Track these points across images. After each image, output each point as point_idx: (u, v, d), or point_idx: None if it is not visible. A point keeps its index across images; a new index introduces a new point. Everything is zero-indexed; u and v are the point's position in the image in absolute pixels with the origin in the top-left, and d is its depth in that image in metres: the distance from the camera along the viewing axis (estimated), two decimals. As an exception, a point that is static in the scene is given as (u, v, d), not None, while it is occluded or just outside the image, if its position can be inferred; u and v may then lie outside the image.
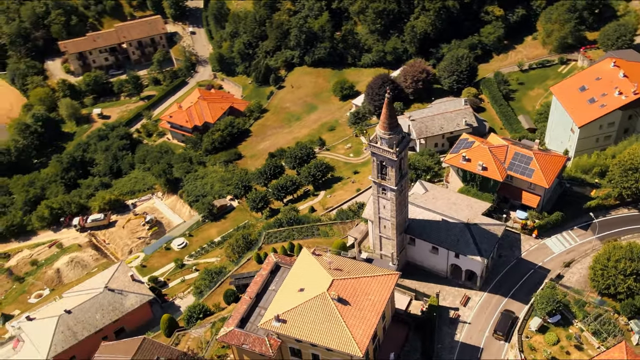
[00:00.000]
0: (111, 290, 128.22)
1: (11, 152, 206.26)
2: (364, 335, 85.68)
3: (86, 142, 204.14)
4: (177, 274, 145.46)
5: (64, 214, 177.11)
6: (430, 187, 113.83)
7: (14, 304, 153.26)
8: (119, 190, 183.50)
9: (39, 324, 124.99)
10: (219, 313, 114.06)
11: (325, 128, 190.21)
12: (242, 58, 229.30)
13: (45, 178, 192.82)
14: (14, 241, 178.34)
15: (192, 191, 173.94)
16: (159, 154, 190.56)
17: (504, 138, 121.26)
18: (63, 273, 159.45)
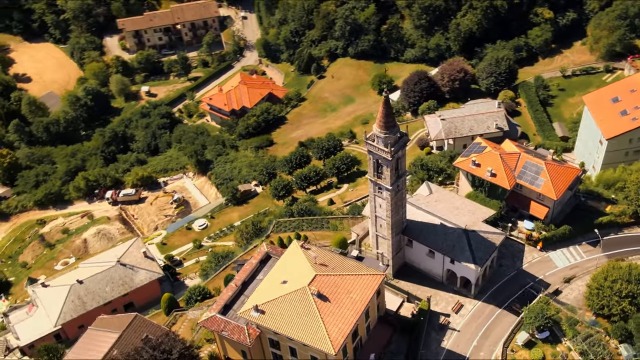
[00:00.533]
0: (123, 264, 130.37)
1: (60, 122, 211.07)
2: (339, 334, 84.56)
3: (129, 118, 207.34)
4: (193, 254, 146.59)
5: (99, 186, 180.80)
6: (436, 189, 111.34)
7: (42, 270, 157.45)
8: (152, 168, 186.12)
9: (52, 291, 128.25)
10: (217, 297, 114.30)
11: (359, 121, 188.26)
12: (287, 45, 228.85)
13: (87, 150, 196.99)
14: (52, 209, 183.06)
15: (220, 174, 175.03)
16: (194, 134, 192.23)
17: (517, 145, 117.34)
18: (89, 243, 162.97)
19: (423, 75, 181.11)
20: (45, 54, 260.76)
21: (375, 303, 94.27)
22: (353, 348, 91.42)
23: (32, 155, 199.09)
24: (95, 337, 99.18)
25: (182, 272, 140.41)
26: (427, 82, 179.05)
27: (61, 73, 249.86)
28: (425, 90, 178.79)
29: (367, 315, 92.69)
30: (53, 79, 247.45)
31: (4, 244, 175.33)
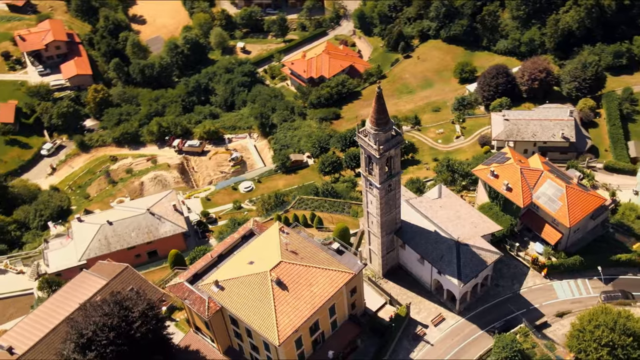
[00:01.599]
0: (152, 214, 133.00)
1: (155, 67, 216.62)
2: (289, 325, 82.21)
3: (213, 72, 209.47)
4: (230, 214, 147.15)
5: (169, 133, 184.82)
6: (447, 193, 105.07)
7: (99, 204, 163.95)
8: (221, 124, 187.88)
9: (85, 226, 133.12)
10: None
11: (431, 107, 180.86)
12: (380, 20, 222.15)
13: (169, 97, 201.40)
14: (126, 148, 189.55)
15: (280, 139, 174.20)
16: (268, 96, 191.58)
17: (545, 162, 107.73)
18: (145, 186, 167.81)
19: (502, 69, 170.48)
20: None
21: (346, 300, 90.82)
22: (312, 342, 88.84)
23: (123, 94, 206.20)
24: (85, 280, 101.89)
25: (213, 231, 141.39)
26: (504, 78, 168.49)
27: (173, 19, 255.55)
28: (501, 86, 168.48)
29: (333, 311, 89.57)
30: (164, 24, 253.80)
31: (78, 174, 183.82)
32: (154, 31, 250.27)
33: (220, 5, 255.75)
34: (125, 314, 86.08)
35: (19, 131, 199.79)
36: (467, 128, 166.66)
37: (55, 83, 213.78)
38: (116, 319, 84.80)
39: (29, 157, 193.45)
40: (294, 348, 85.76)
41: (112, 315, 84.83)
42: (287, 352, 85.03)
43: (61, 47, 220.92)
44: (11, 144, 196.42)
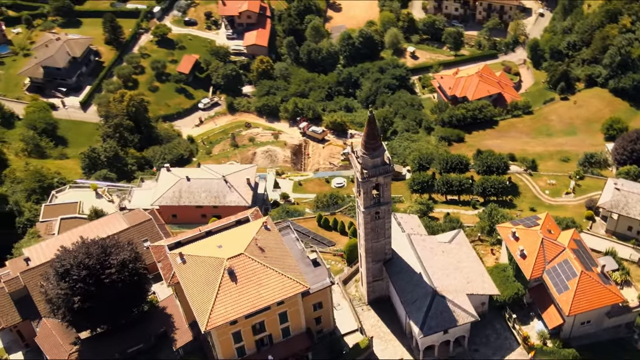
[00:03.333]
0: (225, 181, 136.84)
1: (322, 51, 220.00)
2: (221, 315, 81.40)
3: (367, 68, 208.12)
4: (309, 204, 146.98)
5: (301, 114, 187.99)
6: (461, 241, 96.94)
7: (213, 162, 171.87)
8: (352, 118, 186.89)
9: (169, 176, 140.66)
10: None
11: (560, 156, 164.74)
12: (551, 54, 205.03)
13: (319, 82, 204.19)
14: (263, 118, 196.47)
15: (393, 147, 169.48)
16: (405, 103, 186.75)
17: (577, 240, 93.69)
18: (257, 157, 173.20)
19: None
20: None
21: (302, 311, 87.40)
22: (256, 341, 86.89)
23: (284, 70, 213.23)
24: (113, 220, 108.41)
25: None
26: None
27: (364, 13, 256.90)
28: (636, 153, 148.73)
29: (284, 318, 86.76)
30: (354, 15, 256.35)
31: (215, 131, 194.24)
32: (344, 20, 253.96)
33: (413, 8, 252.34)
34: (104, 258, 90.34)
35: (191, 82, 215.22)
36: (581, 186, 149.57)
37: (235, 48, 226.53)
38: (94, 260, 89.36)
39: (187, 107, 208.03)
40: (230, 340, 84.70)
41: (91, 256, 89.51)
42: (222, 342, 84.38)
43: (251, 17, 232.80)
44: (179, 91, 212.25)
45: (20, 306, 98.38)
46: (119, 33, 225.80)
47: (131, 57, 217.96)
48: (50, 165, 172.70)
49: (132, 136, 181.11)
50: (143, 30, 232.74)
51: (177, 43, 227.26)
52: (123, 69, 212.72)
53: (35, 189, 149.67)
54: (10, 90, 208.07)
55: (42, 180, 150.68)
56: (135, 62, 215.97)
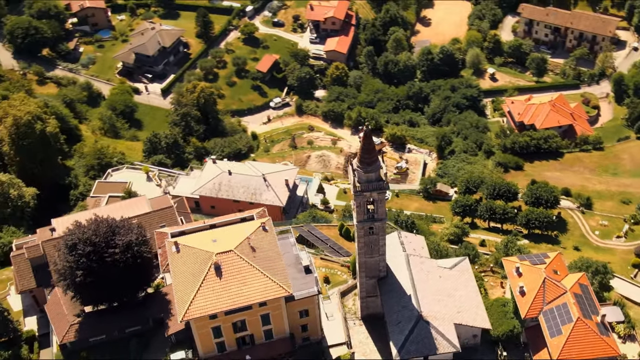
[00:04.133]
0: (264, 179, 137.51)
1: (398, 64, 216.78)
2: (200, 308, 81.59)
3: (439, 85, 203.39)
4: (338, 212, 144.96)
5: (363, 123, 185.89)
6: (463, 269, 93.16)
7: (268, 160, 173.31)
8: (413, 133, 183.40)
9: (213, 168, 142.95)
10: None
11: (622, 197, 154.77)
12: (635, 91, 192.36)
13: (389, 94, 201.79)
14: (329, 123, 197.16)
15: (447, 166, 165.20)
16: (469, 124, 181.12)
17: (583, 286, 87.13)
18: (310, 160, 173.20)
19: None
20: (457, 9, 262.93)
21: (285, 315, 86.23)
22: (236, 339, 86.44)
23: (358, 79, 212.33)
24: (139, 203, 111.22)
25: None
26: None
27: (453, 30, 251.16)
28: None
29: (267, 321, 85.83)
30: (442, 31, 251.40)
31: (280, 130, 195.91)
32: (430, 35, 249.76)
33: (502, 30, 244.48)
34: (111, 238, 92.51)
35: (267, 81, 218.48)
36: (635, 231, 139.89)
37: (316, 52, 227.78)
38: (100, 238, 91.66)
39: (259, 104, 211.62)
40: (210, 334, 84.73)
41: (99, 234, 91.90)
42: (201, 334, 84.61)
43: (336, 24, 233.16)
44: (254, 88, 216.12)
45: (37, 273, 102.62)
46: (210, 28, 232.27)
47: (216, 51, 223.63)
48: (120, 145, 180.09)
49: (198, 126, 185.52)
50: (233, 28, 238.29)
51: (261, 42, 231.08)
52: (206, 62, 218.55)
53: (94, 166, 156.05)
54: (103, 72, 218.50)
55: (101, 157, 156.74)
56: (219, 56, 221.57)
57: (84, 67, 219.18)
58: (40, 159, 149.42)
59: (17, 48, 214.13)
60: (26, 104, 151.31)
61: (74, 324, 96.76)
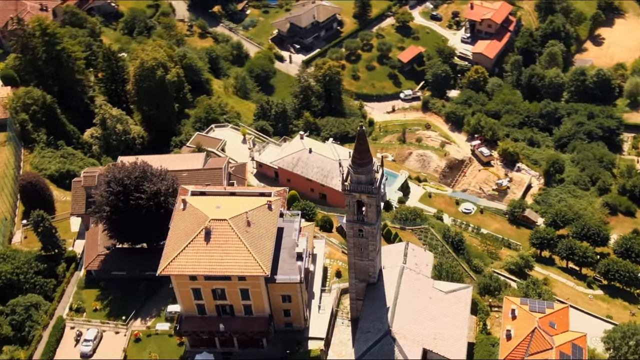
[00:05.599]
0: (340, 165, 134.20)
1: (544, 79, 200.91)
2: (179, 266, 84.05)
3: (577, 109, 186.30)
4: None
5: (480, 132, 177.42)
6: (462, 297, 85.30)
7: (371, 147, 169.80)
8: (529, 152, 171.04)
9: (298, 143, 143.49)
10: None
11: None
12: None
13: (520, 107, 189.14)
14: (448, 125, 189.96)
15: (548, 193, 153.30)
16: (593, 156, 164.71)
17: (578, 346, 76.27)
18: (410, 158, 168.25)
19: None
20: (638, 32, 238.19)
21: (264, 294, 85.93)
22: (216, 306, 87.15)
23: (495, 86, 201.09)
24: (195, 159, 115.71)
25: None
26: None
27: (624, 54, 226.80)
28: None
29: (246, 296, 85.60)
30: (611, 54, 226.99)
31: (397, 122, 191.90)
32: (596, 55, 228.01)
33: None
34: (141, 183, 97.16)
35: (406, 72, 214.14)
36: None
37: (463, 52, 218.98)
38: (131, 181, 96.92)
39: (390, 93, 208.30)
40: (190, 294, 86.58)
41: (130, 178, 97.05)
42: (181, 292, 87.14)
43: (492, 27, 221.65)
44: (391, 77, 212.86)
45: (89, 201, 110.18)
46: (367, 10, 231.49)
47: (365, 34, 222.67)
48: (242, 106, 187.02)
49: (318, 102, 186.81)
50: (390, 14, 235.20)
51: (413, 32, 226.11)
52: (352, 43, 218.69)
53: (202, 118, 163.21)
54: (258, 36, 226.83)
55: (210, 112, 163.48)
56: (367, 39, 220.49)
57: (244, 29, 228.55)
58: (156, 103, 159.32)
59: (193, 1, 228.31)
60: (156, 51, 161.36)
61: (100, 255, 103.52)
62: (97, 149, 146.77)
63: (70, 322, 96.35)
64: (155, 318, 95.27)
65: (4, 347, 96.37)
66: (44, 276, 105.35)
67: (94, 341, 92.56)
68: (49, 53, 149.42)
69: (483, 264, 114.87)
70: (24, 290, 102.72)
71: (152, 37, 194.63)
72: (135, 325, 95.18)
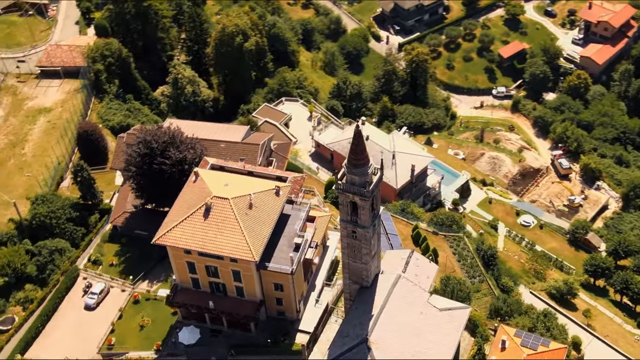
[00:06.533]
0: (392, 156, 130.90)
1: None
2: (173, 237, 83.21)
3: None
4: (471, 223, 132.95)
5: (565, 142, 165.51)
6: (457, 317, 79.88)
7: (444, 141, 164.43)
8: (614, 172, 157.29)
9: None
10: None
11: None
12: None
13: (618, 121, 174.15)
14: (533, 129, 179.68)
15: (623, 220, 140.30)
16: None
17: None
18: (481, 159, 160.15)
19: None
20: None
21: (256, 278, 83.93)
22: (209, 282, 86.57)
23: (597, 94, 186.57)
24: (236, 131, 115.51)
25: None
26: None
27: None
28: None
29: (238, 277, 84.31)
30: None
31: (482, 119, 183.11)
32: None
33: None
34: (167, 148, 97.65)
35: (504, 68, 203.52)
36: None
37: (570, 54, 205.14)
38: (158, 145, 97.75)
39: (482, 87, 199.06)
40: (185, 267, 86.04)
41: (158, 142, 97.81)
42: (177, 264, 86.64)
43: (607, 30, 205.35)
44: (486, 71, 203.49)
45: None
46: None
47: (470, 23, 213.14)
48: (324, 82, 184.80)
49: (400, 88, 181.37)
50: (502, 4, 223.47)
51: (521, 27, 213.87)
52: (454, 31, 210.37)
53: (274, 90, 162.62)
54: (362, 13, 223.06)
55: (283, 85, 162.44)
56: (470, 28, 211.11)
57: (348, 3, 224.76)
58: (232, 69, 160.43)
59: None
60: (239, 18, 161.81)
61: (127, 212, 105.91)
62: (165, 107, 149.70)
63: (83, 273, 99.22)
64: (160, 283, 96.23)
65: (27, 285, 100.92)
66: (75, 224, 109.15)
67: (99, 295, 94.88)
68: (137, 8, 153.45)
69: (513, 284, 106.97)
70: (54, 234, 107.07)
71: (250, 3, 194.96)
72: (141, 287, 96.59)
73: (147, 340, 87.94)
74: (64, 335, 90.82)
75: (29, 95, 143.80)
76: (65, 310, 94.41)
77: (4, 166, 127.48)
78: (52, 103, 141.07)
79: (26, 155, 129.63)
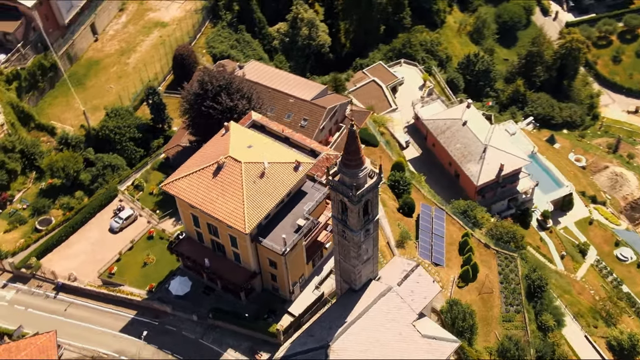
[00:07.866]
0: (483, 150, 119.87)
1: None
2: (176, 189, 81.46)
3: None
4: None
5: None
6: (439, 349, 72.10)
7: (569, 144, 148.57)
8: None
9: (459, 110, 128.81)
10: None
11: None
12: None
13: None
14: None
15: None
16: None
17: None
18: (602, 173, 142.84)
19: None
20: None
21: (249, 247, 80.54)
22: (211, 240, 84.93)
23: None
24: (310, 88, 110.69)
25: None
26: None
27: None
28: None
29: (234, 243, 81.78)
30: None
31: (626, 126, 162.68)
32: None
33: None
34: (219, 93, 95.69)
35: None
36: None
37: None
38: (213, 88, 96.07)
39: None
40: (190, 219, 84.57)
41: (213, 84, 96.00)
42: (184, 214, 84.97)
43: None
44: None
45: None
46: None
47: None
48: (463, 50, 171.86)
49: (542, 73, 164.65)
50: None
51: None
52: (634, 19, 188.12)
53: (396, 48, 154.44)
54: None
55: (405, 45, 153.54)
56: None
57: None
58: (359, 17, 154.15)
59: None
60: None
61: (180, 145, 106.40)
62: (277, 44, 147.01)
63: (121, 195, 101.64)
64: (181, 227, 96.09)
65: (78, 191, 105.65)
66: (137, 144, 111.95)
67: (124, 220, 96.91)
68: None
69: (555, 324, 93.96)
70: (115, 150, 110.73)
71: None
72: (164, 224, 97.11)
73: (145, 279, 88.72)
74: (80, 251, 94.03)
75: (152, 7, 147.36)
76: (91, 227, 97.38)
77: (106, 71, 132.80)
78: (170, 19, 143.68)
79: (129, 65, 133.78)
